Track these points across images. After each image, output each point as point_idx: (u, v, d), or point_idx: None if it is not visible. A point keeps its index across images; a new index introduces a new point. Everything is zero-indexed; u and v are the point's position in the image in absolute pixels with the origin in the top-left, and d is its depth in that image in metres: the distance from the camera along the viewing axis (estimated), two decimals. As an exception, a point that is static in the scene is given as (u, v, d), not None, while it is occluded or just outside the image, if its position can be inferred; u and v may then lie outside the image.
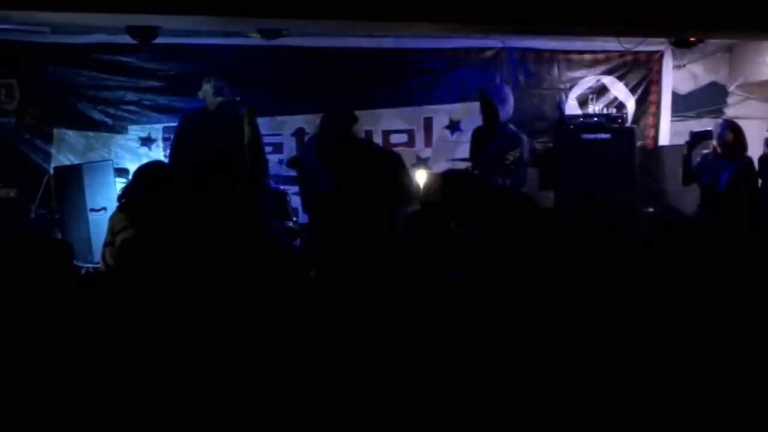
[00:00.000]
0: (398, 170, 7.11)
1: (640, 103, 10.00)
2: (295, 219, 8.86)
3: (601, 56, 9.89)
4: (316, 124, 9.40)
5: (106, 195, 8.11)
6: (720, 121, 8.37)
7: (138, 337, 3.81)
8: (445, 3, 7.07)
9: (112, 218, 5.99)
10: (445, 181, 6.53)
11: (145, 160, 7.84)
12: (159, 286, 4.20)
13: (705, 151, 8.22)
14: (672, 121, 10.06)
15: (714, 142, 7.93)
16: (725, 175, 7.82)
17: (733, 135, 7.87)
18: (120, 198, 6.05)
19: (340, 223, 6.52)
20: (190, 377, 3.72)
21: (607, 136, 8.93)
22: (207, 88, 7.37)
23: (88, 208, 8.09)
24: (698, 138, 8.19)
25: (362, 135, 7.72)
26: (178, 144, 7.50)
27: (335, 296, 4.35)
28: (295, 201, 9.11)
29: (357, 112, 7.39)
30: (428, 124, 9.67)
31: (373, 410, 3.61)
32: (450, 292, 4.38)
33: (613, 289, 4.35)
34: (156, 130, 8.96)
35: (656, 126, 10.06)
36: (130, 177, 6.49)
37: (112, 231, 5.89)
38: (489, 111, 7.87)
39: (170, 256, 4.54)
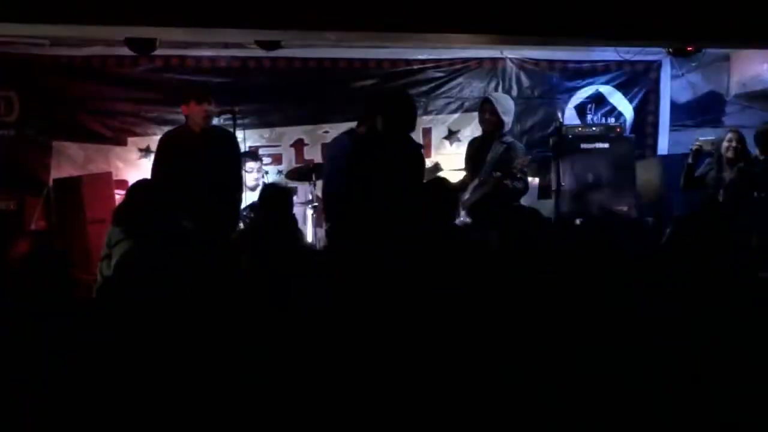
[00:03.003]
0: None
1: (638, 112, 10.01)
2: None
3: (599, 66, 9.91)
4: (316, 135, 9.53)
5: (105, 207, 8.11)
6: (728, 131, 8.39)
7: (135, 347, 3.81)
8: (444, 13, 7.07)
9: (108, 232, 6.09)
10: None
11: (144, 172, 7.88)
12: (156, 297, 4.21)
13: (708, 160, 8.27)
14: (670, 130, 10.07)
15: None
16: (724, 184, 7.87)
17: (731, 144, 7.92)
18: (115, 213, 6.15)
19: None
20: (190, 386, 3.73)
21: (606, 145, 8.93)
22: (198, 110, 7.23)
23: (87, 220, 8.10)
24: (702, 146, 8.26)
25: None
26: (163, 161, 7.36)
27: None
28: (295, 211, 9.12)
29: (353, 124, 7.45)
30: (427, 134, 9.67)
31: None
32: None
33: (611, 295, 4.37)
34: (155, 141, 8.90)
35: (655, 135, 10.07)
36: (126, 192, 6.52)
37: (109, 244, 5.97)
38: (493, 121, 7.89)
39: (166, 268, 4.55)
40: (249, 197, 8.08)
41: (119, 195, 8.32)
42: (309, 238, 8.61)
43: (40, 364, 3.78)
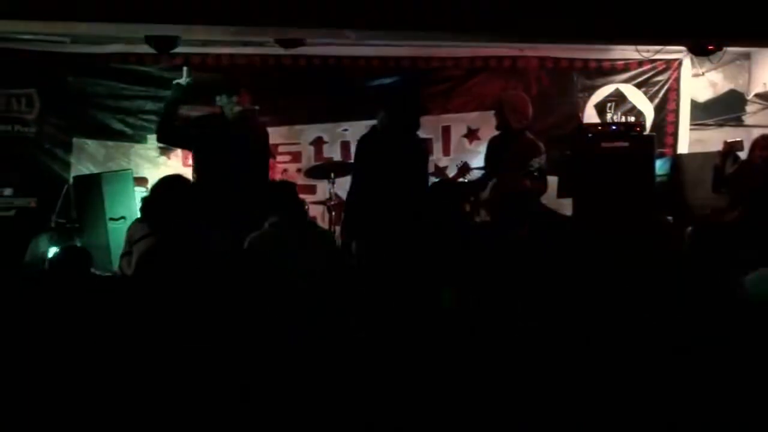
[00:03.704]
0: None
1: (658, 111, 9.96)
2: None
3: (619, 64, 9.86)
4: (335, 133, 9.53)
5: (125, 204, 8.13)
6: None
7: (153, 341, 3.83)
8: (464, 12, 7.07)
9: (129, 229, 6.09)
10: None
11: (163, 169, 7.88)
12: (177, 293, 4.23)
13: (743, 159, 8.27)
14: (691, 129, 10.01)
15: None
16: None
17: (764, 153, 7.95)
18: (143, 208, 6.15)
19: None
20: (207, 379, 3.74)
21: (626, 144, 8.87)
22: (227, 101, 7.26)
23: (107, 218, 8.11)
24: (731, 148, 8.26)
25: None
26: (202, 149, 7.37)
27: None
28: (314, 209, 9.13)
29: (373, 122, 7.44)
30: (446, 132, 9.64)
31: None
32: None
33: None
34: (178, 144, 8.93)
35: (675, 134, 10.01)
36: (149, 190, 6.51)
37: (130, 241, 5.97)
38: (499, 119, 7.90)
39: (188, 265, 4.57)
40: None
41: (139, 192, 8.33)
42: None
43: (57, 355, 3.81)
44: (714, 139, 9.22)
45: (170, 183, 6.10)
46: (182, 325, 4.22)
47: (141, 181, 8.68)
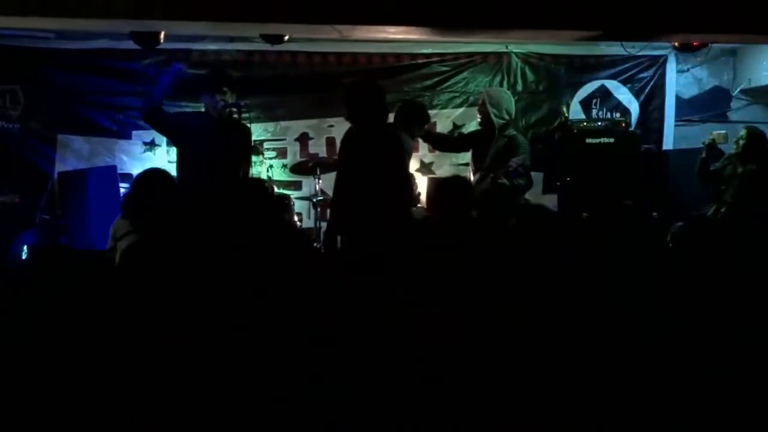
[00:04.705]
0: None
1: (644, 107, 9.98)
2: (299, 223, 8.86)
3: (604, 60, 9.88)
4: (320, 129, 9.53)
5: (110, 200, 8.11)
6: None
7: (138, 339, 3.81)
8: (449, 7, 7.05)
9: (114, 225, 6.04)
10: (449, 185, 6.46)
11: (149, 165, 7.86)
12: (160, 290, 4.20)
13: (729, 153, 8.33)
14: (676, 125, 10.04)
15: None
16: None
17: (746, 141, 8.02)
18: (123, 205, 6.10)
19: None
20: (191, 378, 3.73)
21: (611, 140, 8.91)
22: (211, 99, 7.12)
23: (92, 214, 8.09)
24: (716, 141, 8.34)
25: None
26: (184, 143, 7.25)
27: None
28: (299, 205, 9.13)
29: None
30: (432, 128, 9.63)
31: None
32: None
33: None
34: (159, 135, 8.89)
35: (660, 130, 10.03)
36: (131, 185, 6.45)
37: (114, 237, 5.93)
38: (483, 112, 7.89)
39: (172, 260, 4.54)
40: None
41: (124, 188, 8.32)
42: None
43: (43, 354, 3.79)
44: (699, 136, 9.24)
45: (152, 178, 6.02)
46: (164, 322, 4.21)
47: (126, 177, 8.68)
